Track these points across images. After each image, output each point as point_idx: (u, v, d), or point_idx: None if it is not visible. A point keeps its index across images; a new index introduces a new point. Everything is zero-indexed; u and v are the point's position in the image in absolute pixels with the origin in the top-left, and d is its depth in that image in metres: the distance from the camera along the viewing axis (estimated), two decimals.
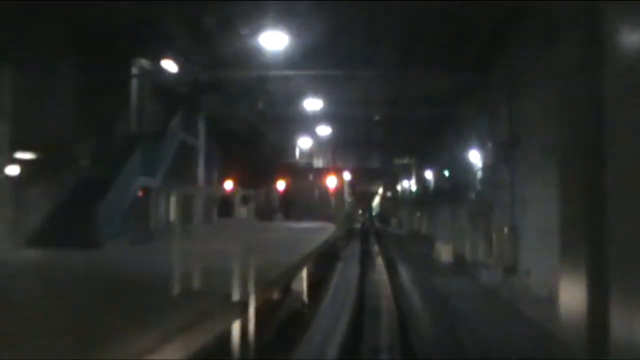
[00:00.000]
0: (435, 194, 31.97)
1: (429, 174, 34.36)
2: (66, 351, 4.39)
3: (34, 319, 5.61)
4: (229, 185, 33.91)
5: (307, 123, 29.39)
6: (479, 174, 19.96)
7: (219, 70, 19.79)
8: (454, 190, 24.96)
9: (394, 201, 61.74)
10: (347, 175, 45.73)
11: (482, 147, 19.29)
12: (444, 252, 22.79)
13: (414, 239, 34.40)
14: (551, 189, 10.12)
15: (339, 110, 28.75)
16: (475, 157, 20.29)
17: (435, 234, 31.70)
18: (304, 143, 30.79)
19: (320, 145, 33.19)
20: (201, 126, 24.70)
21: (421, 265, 21.56)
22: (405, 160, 45.31)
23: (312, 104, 26.92)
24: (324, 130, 30.47)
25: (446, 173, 26.59)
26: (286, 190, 35.12)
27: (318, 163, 35.12)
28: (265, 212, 31.07)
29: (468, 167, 21.34)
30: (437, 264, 22.28)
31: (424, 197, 36.73)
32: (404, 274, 20.80)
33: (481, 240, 18.63)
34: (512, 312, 12.90)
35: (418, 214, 41.15)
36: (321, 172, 35.47)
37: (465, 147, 21.60)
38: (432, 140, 31.49)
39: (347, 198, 58.34)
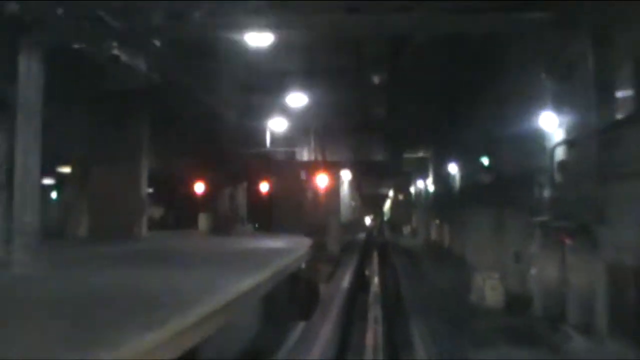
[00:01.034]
0: (464, 194, 22.78)
1: (452, 168, 25.17)
2: None
3: None
4: (199, 187, 25.04)
5: (282, 98, 20.46)
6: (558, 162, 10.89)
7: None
8: (501, 187, 15.82)
9: (406, 205, 52.36)
10: (346, 174, 36.60)
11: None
12: (490, 288, 13.55)
13: (433, 257, 25.12)
14: None
15: (327, 81, 19.84)
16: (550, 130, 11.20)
17: (462, 250, 22.46)
18: (277, 125, 21.79)
19: (304, 130, 24.12)
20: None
21: (456, 323, 12.09)
22: (420, 153, 36.12)
23: (290, 68, 18.47)
24: (308, 109, 21.51)
25: (485, 161, 17.39)
26: (256, 193, 26.01)
27: (301, 155, 26.08)
28: (223, 222, 21.98)
29: (535, 147, 12.25)
30: (479, 313, 12.94)
31: (446, 199, 27.55)
32: None
33: (577, 276, 9.53)
34: None
35: (437, 221, 31.89)
36: (306, 168, 26.38)
37: (529, 116, 12.50)
38: (460, 118, 22.32)
39: (350, 202, 49.12)
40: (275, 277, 9.64)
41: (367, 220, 71.64)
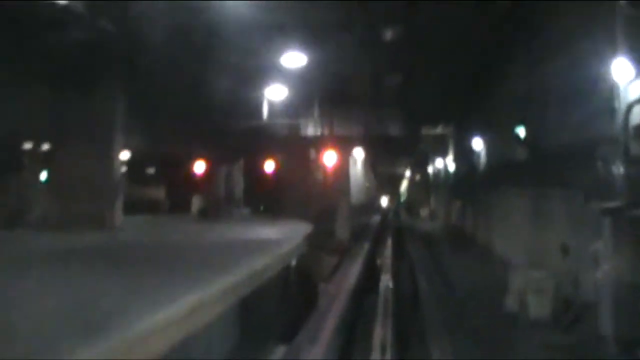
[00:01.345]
0: (491, 173, 19.73)
1: (477, 144, 22.06)
2: None
3: None
4: (199, 166, 22.37)
5: (281, 61, 17.56)
6: None
7: None
8: (542, 162, 12.78)
9: (424, 186, 49.23)
10: (359, 152, 33.61)
11: None
12: (533, 292, 10.55)
13: (455, 245, 22.12)
14: None
15: (333, 40, 16.82)
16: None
17: (489, 238, 19.47)
18: (277, 94, 18.86)
19: (308, 100, 21.12)
20: None
21: (493, 343, 9.03)
22: (439, 129, 32.92)
23: (289, 23, 15.92)
24: (312, 75, 18.63)
25: (520, 132, 14.30)
26: (256, 172, 23.17)
27: (306, 129, 23.10)
28: (212, 205, 19.18)
29: (596, 108, 9.20)
30: (520, 327, 9.92)
31: (469, 179, 24.50)
32: None
33: None
34: None
35: (459, 203, 28.83)
36: (312, 144, 23.43)
37: (588, 66, 9.42)
38: (487, 83, 19.20)
39: (364, 182, 46.11)
40: (241, 287, 6.79)
41: (384, 201, 68.64)
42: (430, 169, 47.10)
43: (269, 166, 23.66)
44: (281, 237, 11.25)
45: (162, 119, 19.15)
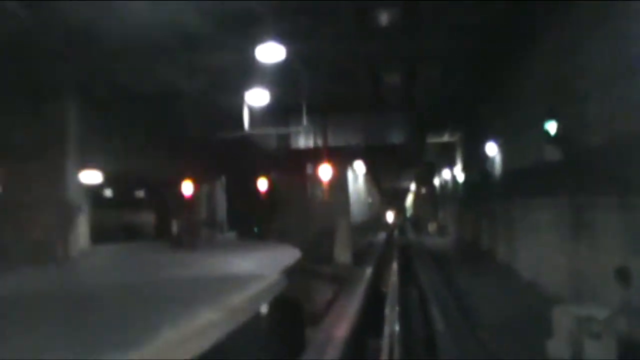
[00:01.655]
0: (511, 180, 17.01)
1: (491, 149, 19.36)
2: None
3: None
4: (187, 187, 19.83)
5: (263, 60, 15.08)
6: None
7: None
8: (582, 165, 10.12)
9: (430, 200, 46.46)
10: (360, 166, 31.05)
11: None
12: (592, 337, 7.85)
13: (471, 266, 19.36)
14: None
15: (323, 36, 14.32)
16: None
17: (512, 257, 16.75)
18: (258, 99, 16.27)
19: (294, 105, 18.54)
20: None
21: None
22: (445, 137, 30.28)
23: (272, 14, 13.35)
24: (297, 76, 16.22)
25: (551, 128, 11.61)
26: (239, 189, 20.56)
27: (296, 140, 20.47)
28: (185, 232, 16.48)
29: None
30: None
31: (483, 189, 21.80)
32: None
33: None
34: None
35: (472, 215, 26.06)
36: (304, 157, 20.84)
37: None
38: (501, 82, 16.63)
39: (367, 198, 43.40)
40: None
41: (389, 217, 65.86)
42: (436, 181, 44.44)
43: (259, 184, 21.04)
44: (256, 271, 8.61)
45: (128, 133, 16.59)
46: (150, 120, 16.19)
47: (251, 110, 16.88)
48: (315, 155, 21.28)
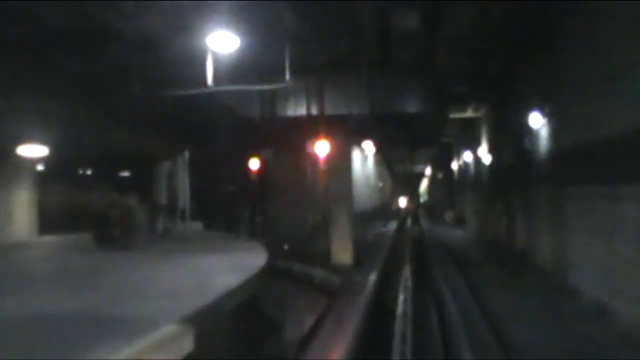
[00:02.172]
0: (566, 161, 12.57)
1: (535, 121, 14.87)
2: None
3: None
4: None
5: None
6: None
7: None
8: None
9: (447, 185, 41.97)
10: (369, 145, 26.66)
11: None
12: None
13: (504, 270, 15.07)
14: None
15: None
16: None
17: (563, 263, 12.41)
18: (226, 44, 11.94)
19: (278, 55, 14.08)
20: None
21: None
22: (468, 113, 25.77)
23: None
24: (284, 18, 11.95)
25: None
26: (208, 167, 16.40)
27: (284, 107, 16.11)
28: (116, 225, 12.21)
29: None
30: None
31: (519, 173, 17.42)
32: None
33: None
34: None
35: (499, 205, 21.64)
36: (296, 129, 16.54)
37: None
38: (552, 29, 12.15)
39: (377, 182, 39.02)
40: None
41: (402, 203, 61.46)
42: (454, 165, 39.93)
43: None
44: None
45: (52, 91, 12.32)
46: (80, 72, 11.94)
47: (220, 62, 12.54)
48: (309, 127, 16.99)
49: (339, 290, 12.17)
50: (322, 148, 16.90)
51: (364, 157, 33.76)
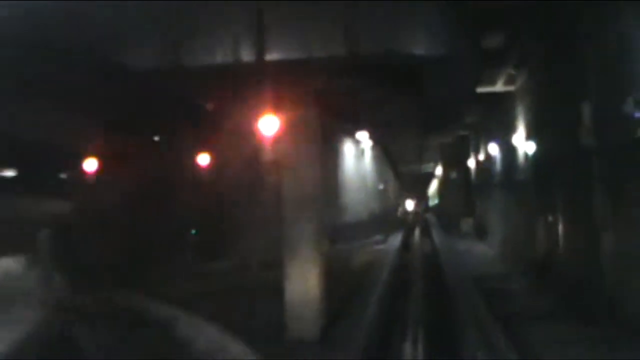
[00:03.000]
0: None
1: None
2: None
3: None
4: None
5: None
6: None
7: None
8: None
9: (464, 187, 34.65)
10: (363, 136, 19.74)
11: None
12: None
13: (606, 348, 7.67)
14: None
15: None
16: None
17: None
18: None
19: None
20: None
21: None
22: (498, 86, 18.48)
23: None
24: None
25: None
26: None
27: (193, 54, 9.07)
28: None
29: None
30: None
31: (595, 164, 10.25)
32: None
33: None
34: None
35: (550, 218, 14.35)
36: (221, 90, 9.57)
37: None
38: None
39: (377, 184, 31.91)
40: None
41: (408, 205, 54.57)
42: (471, 163, 32.70)
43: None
44: None
45: None
46: None
47: None
48: (246, 86, 10.04)
49: None
50: (267, 126, 9.89)
51: (359, 152, 26.74)
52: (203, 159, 17.19)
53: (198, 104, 11.06)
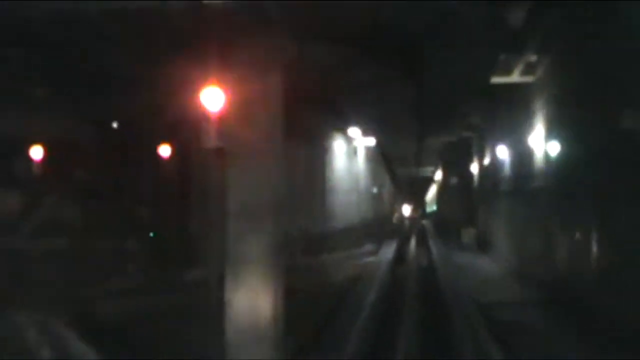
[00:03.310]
0: None
1: None
2: None
3: None
4: None
5: None
6: None
7: None
8: None
9: (465, 194, 31.91)
10: (356, 132, 17.23)
11: None
12: None
13: None
14: None
15: None
16: None
17: None
18: None
19: None
20: None
21: None
22: (514, 76, 15.69)
23: None
24: None
25: None
26: None
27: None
28: None
29: None
30: None
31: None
32: None
33: None
34: None
35: (578, 235, 11.61)
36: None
37: None
38: None
39: (370, 187, 29.16)
40: None
41: (405, 211, 52.09)
42: (474, 168, 29.99)
43: None
44: None
45: None
46: None
47: None
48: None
49: None
50: (210, 101, 7.23)
51: (351, 151, 23.97)
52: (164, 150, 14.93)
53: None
